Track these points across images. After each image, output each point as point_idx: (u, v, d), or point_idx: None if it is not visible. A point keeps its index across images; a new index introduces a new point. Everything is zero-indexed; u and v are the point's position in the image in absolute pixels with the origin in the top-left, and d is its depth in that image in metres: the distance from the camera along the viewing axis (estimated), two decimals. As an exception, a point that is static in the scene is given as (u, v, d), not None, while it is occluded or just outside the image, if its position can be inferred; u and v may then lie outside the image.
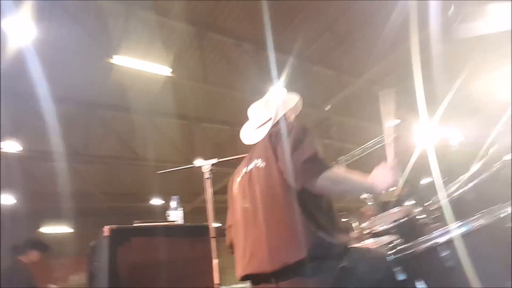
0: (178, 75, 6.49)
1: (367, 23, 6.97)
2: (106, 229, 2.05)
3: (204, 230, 2.13)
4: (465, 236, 1.23)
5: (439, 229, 1.36)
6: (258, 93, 7.54)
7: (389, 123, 1.66)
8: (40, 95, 5.35)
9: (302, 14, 6.66)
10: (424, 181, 2.32)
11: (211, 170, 2.22)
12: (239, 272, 1.49)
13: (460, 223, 1.28)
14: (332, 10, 6.70)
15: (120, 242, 2.00)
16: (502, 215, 1.20)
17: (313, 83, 8.52)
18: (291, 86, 7.93)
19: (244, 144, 1.84)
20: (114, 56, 5.53)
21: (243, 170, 1.64)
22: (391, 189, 1.43)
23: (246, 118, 1.96)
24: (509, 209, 1.17)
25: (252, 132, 1.78)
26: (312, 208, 1.35)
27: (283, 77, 7.54)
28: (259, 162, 1.51)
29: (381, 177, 1.42)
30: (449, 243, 1.26)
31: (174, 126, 8.58)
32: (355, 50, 7.97)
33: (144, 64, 5.83)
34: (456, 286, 1.22)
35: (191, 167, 2.33)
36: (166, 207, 2.45)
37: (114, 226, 2.05)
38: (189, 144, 8.90)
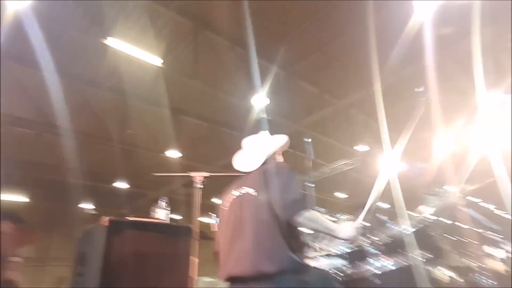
0: (167, 67, 6.55)
1: (357, 50, 7.30)
2: (105, 220, 2.35)
3: (187, 231, 2.60)
4: (392, 271, 1.77)
5: (376, 260, 1.74)
6: (243, 97, 7.75)
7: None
8: (25, 60, 5.24)
9: (297, 30, 6.91)
10: (379, 211, 2.60)
11: (202, 181, 2.55)
12: (223, 274, 1.86)
13: (392, 262, 1.77)
14: (327, 32, 6.99)
15: (116, 232, 2.31)
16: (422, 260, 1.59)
17: (295, 97, 8.82)
18: (274, 96, 8.20)
19: (215, 148, 2.11)
20: (108, 38, 5.53)
21: (235, 193, 2.03)
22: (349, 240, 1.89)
23: (226, 119, 2.22)
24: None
25: (244, 162, 2.16)
26: (288, 234, 1.77)
27: (268, 86, 7.80)
28: (251, 191, 1.92)
29: (345, 229, 1.86)
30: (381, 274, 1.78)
31: (153, 114, 8.59)
32: (341, 73, 8.29)
33: (136, 51, 5.86)
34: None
35: (185, 175, 2.63)
36: (130, 192, 2.76)
37: (112, 218, 2.35)
38: (165, 133, 8.93)
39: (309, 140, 3.23)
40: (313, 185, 3.79)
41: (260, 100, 7.99)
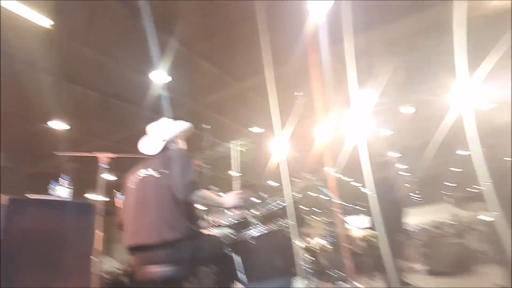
0: (58, 29, 5.85)
1: (258, 35, 7.64)
2: (5, 198, 2.38)
3: (90, 207, 2.80)
4: (264, 234, 2.49)
5: (255, 228, 2.57)
6: (141, 72, 7.47)
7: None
8: None
9: (205, 10, 6.87)
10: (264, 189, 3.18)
11: (108, 161, 2.66)
12: (128, 243, 2.19)
13: (265, 228, 2.53)
14: (234, 14, 7.09)
15: (16, 210, 2.34)
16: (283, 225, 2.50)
17: (196, 76, 8.86)
18: (175, 73, 8.10)
19: (108, 122, 2.30)
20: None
21: (140, 174, 2.35)
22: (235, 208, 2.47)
23: (122, 92, 2.39)
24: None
25: (148, 146, 2.48)
26: (185, 209, 2.18)
27: (169, 62, 7.65)
28: (153, 173, 2.26)
29: (229, 199, 2.39)
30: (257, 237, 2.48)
31: (37, 80, 7.56)
32: (242, 56, 8.56)
33: (22, 8, 5.09)
34: (254, 259, 2.37)
35: (90, 155, 2.68)
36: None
37: (13, 197, 2.35)
38: (48, 101, 8.00)
39: (208, 126, 3.60)
40: (209, 166, 4.16)
41: (160, 76, 7.81)
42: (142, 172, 2.32)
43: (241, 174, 10.69)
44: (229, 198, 2.37)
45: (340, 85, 8.65)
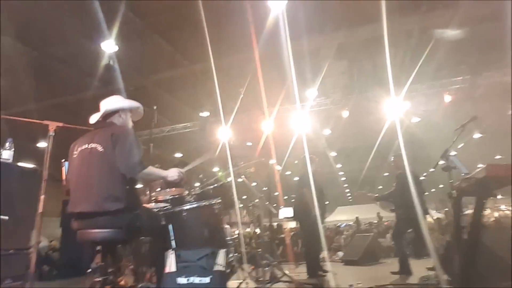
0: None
1: (219, 19, 7.61)
2: None
3: (34, 171, 2.91)
4: (196, 207, 2.75)
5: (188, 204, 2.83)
6: (87, 35, 7.07)
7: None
8: None
9: None
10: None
11: (55, 129, 2.66)
12: (73, 209, 2.33)
13: (196, 203, 2.81)
14: None
15: None
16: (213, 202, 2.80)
17: (147, 50, 8.62)
18: (124, 42, 7.79)
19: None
20: None
21: (84, 145, 2.45)
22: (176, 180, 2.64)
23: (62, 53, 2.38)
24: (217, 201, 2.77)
25: (97, 118, 2.57)
26: (127, 182, 2.35)
27: (118, 30, 7.34)
28: (99, 147, 2.37)
29: (172, 173, 2.58)
30: (188, 210, 2.74)
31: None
32: (199, 38, 8.43)
33: None
34: (185, 229, 2.67)
35: (40, 122, 2.66)
36: None
37: None
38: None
39: (155, 107, 3.71)
40: (152, 144, 4.25)
41: (108, 45, 7.49)
42: (88, 144, 2.42)
43: (182, 155, 10.68)
44: (172, 172, 2.58)
45: (286, 82, 9.07)
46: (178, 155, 13.53)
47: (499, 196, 22.65)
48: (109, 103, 2.58)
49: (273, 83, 8.89)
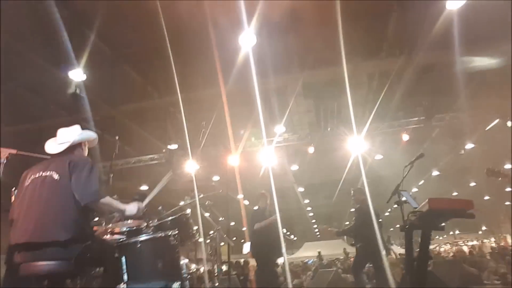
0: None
1: (190, 56, 7.80)
2: None
3: None
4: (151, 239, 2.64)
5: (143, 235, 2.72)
6: (56, 64, 6.94)
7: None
8: None
9: (138, 16, 6.79)
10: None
11: (7, 157, 2.56)
12: (17, 240, 2.18)
13: (151, 234, 2.75)
14: (167, 31, 7.04)
15: None
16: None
17: (117, 80, 8.61)
18: (95, 73, 7.74)
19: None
20: None
21: (38, 172, 2.38)
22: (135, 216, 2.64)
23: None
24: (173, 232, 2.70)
25: (54, 147, 2.52)
26: (81, 212, 2.27)
27: (88, 62, 7.32)
28: (54, 174, 2.31)
29: (131, 208, 2.54)
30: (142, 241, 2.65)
31: None
32: (170, 71, 8.53)
33: None
34: (139, 261, 2.55)
35: None
36: None
37: None
38: None
39: (117, 137, 3.68)
40: (112, 175, 4.15)
41: (75, 73, 7.40)
42: (43, 172, 2.36)
43: (147, 188, 10.39)
44: (131, 207, 2.53)
45: (254, 118, 9.29)
46: (144, 187, 13.17)
47: (457, 231, 23.69)
48: (74, 134, 2.55)
49: (241, 118, 9.08)
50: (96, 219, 3.26)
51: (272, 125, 9.73)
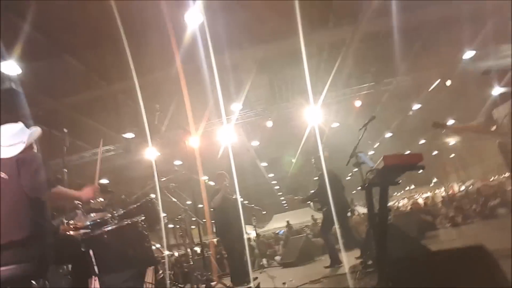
0: None
1: (136, 39, 7.38)
2: None
3: None
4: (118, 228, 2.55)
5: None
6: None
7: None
8: None
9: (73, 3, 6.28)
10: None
11: None
12: None
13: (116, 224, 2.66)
14: (106, 11, 6.58)
15: None
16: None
17: (58, 71, 8.00)
18: (31, 64, 7.11)
19: None
20: None
21: None
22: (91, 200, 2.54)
23: None
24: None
25: (5, 150, 2.33)
26: (37, 207, 2.19)
27: (21, 53, 6.69)
28: (2, 174, 2.20)
29: (85, 193, 2.46)
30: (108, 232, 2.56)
31: None
32: (114, 57, 8.08)
33: None
34: (108, 252, 2.49)
35: None
36: None
37: None
38: None
39: (65, 130, 3.44)
40: (65, 170, 3.92)
41: (8, 66, 6.74)
42: None
43: (108, 182, 9.99)
44: (86, 192, 2.45)
45: (208, 97, 9.16)
46: (104, 181, 12.64)
47: (412, 186, 25.52)
48: (23, 134, 2.38)
49: (196, 99, 8.90)
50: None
51: (228, 104, 9.66)
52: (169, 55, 7.58)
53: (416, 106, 11.58)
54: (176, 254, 9.79)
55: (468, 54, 8.76)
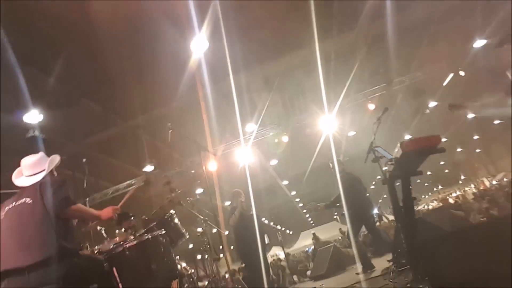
0: None
1: (146, 74, 7.68)
2: None
3: None
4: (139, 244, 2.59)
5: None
6: (8, 109, 6.62)
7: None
8: None
9: (84, 44, 6.58)
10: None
11: None
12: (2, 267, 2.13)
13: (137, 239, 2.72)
14: (117, 52, 6.89)
15: None
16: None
17: (77, 114, 8.33)
18: (51, 112, 7.44)
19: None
20: None
21: (11, 203, 2.39)
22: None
23: None
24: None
25: (24, 178, 2.54)
26: (59, 227, 2.26)
27: (42, 100, 7.05)
28: (27, 200, 2.34)
29: (105, 212, 2.58)
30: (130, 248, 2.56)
31: None
32: (129, 95, 8.39)
33: None
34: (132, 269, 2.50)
35: None
36: None
37: None
38: None
39: (84, 160, 3.56)
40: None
41: (31, 116, 7.10)
42: (16, 201, 2.38)
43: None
44: (105, 211, 2.56)
45: (224, 119, 9.28)
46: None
47: (439, 187, 24.58)
48: (43, 163, 2.56)
49: (212, 122, 9.03)
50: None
51: (243, 125, 9.74)
52: (176, 86, 7.83)
53: (432, 104, 11.31)
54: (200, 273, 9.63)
55: (479, 43, 8.58)
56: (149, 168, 10.25)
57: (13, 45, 5.53)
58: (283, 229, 20.88)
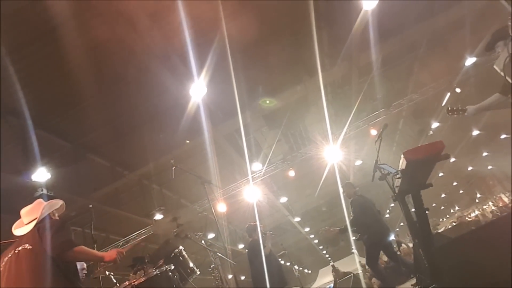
0: None
1: (148, 124, 7.87)
2: None
3: None
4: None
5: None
6: (15, 172, 6.75)
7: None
8: None
9: (86, 102, 6.85)
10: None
11: None
12: None
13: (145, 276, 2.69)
14: (118, 106, 7.16)
15: None
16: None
17: (84, 170, 8.42)
18: (59, 170, 7.54)
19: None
20: None
21: (10, 253, 2.38)
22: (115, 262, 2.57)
23: None
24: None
25: (22, 227, 2.52)
26: (63, 271, 2.25)
27: (50, 160, 7.17)
28: (27, 245, 2.31)
29: (109, 253, 2.56)
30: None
31: None
32: (133, 146, 8.54)
33: None
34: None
35: None
36: None
37: None
38: None
39: (91, 206, 3.57)
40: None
41: (40, 175, 7.21)
42: (15, 249, 2.36)
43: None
44: (109, 253, 2.54)
45: (228, 160, 9.33)
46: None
47: (456, 208, 23.85)
48: (38, 210, 2.52)
49: (218, 165, 9.06)
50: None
51: (249, 164, 9.75)
52: (179, 132, 7.97)
53: (435, 125, 11.33)
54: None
55: (470, 60, 8.77)
56: (158, 216, 10.17)
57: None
58: (300, 268, 20.06)
